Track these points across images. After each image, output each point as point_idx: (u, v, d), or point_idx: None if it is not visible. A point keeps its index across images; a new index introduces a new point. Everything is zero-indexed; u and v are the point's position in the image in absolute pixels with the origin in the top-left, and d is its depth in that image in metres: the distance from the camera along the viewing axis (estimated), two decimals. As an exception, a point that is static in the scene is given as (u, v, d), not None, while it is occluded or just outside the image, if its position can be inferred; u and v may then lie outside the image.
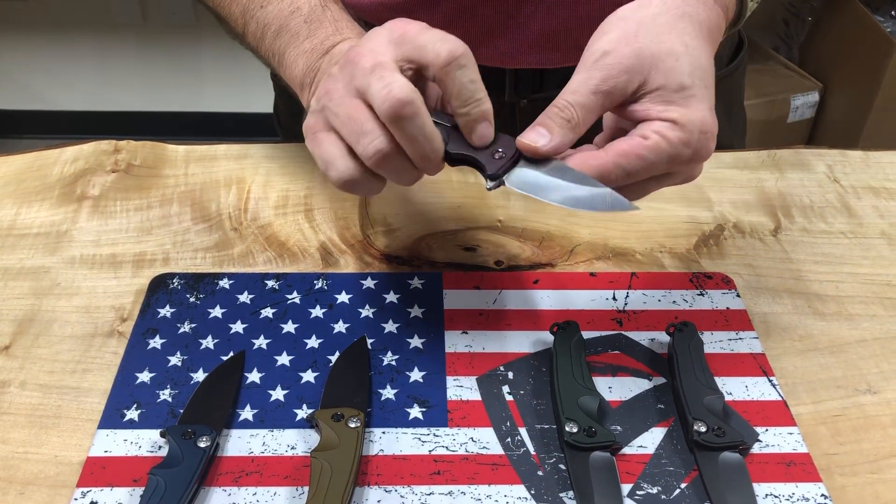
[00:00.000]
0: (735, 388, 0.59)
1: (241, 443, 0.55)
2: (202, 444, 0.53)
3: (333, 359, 0.61)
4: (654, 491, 0.53)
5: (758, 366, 0.61)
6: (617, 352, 0.62)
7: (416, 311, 0.65)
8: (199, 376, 0.60)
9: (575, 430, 0.54)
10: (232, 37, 0.70)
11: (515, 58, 0.76)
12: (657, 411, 0.58)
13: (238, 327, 0.64)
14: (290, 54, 0.61)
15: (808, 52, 2.21)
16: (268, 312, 0.65)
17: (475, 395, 0.59)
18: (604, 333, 0.63)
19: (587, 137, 0.55)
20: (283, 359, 0.61)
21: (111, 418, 0.57)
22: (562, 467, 0.54)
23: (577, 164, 0.52)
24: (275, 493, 0.52)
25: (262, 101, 1.22)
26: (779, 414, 0.57)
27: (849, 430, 0.57)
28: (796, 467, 0.54)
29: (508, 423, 0.57)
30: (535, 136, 0.52)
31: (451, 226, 0.74)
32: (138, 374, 0.60)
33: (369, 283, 0.68)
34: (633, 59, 0.51)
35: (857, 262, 0.71)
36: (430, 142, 0.51)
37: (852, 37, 2.04)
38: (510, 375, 0.60)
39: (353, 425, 0.54)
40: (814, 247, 0.73)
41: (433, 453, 0.55)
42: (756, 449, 0.55)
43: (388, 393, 0.59)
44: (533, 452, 0.55)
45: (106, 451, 0.55)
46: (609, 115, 0.56)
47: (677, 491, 0.53)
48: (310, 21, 0.61)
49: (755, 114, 2.00)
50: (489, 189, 0.52)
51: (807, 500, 0.52)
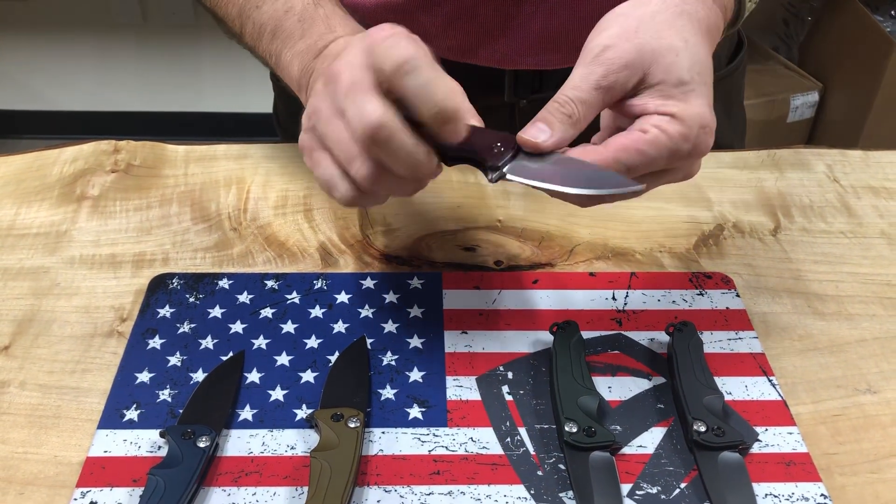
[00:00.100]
0: (735, 388, 0.59)
1: (240, 443, 0.55)
2: (202, 445, 0.53)
3: (333, 359, 0.61)
4: (654, 491, 0.53)
5: (757, 365, 0.61)
6: (616, 352, 0.62)
7: (415, 311, 0.65)
8: (199, 376, 0.60)
9: (574, 429, 0.54)
10: (230, 37, 0.70)
11: (514, 59, 0.76)
12: (657, 411, 0.58)
13: (238, 327, 0.64)
14: (286, 55, 0.61)
15: (807, 52, 2.21)
16: (267, 312, 0.65)
17: (475, 395, 0.59)
18: (603, 333, 0.63)
19: (584, 137, 0.55)
20: (283, 359, 0.61)
21: (111, 418, 0.57)
22: (561, 467, 0.54)
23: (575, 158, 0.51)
24: (274, 493, 0.52)
25: (261, 102, 1.22)
26: (778, 414, 0.57)
27: (848, 430, 0.57)
28: (796, 467, 0.54)
29: (508, 423, 0.57)
30: (536, 132, 0.52)
31: (451, 226, 0.74)
32: (138, 375, 0.60)
33: (369, 283, 0.68)
34: (634, 55, 0.51)
35: (856, 262, 0.71)
36: (413, 156, 0.49)
37: (852, 36, 2.04)
38: (510, 375, 0.60)
39: (352, 425, 0.54)
40: (813, 246, 0.73)
41: (433, 453, 0.55)
42: (756, 449, 0.55)
43: (388, 393, 0.59)
44: (532, 452, 0.55)
45: (105, 452, 0.55)
46: (606, 114, 0.56)
47: (677, 491, 0.53)
48: (303, 20, 0.61)
49: (755, 114, 2.00)
50: (491, 180, 0.52)
51: (806, 499, 0.52)
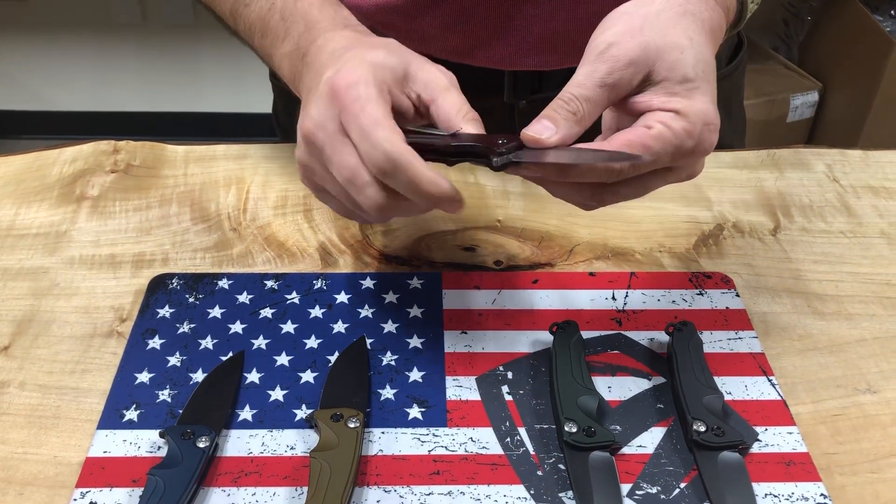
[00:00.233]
0: (734, 388, 0.59)
1: (240, 443, 0.55)
2: (201, 445, 0.53)
3: (333, 359, 0.61)
4: (654, 491, 0.53)
5: (757, 365, 0.61)
6: (616, 351, 0.62)
7: (415, 311, 0.65)
8: (199, 376, 0.60)
9: (574, 429, 0.54)
10: (230, 34, 0.70)
11: (515, 60, 0.76)
12: (656, 411, 0.58)
13: (237, 327, 0.64)
14: (276, 56, 0.61)
15: (807, 52, 2.21)
16: (267, 312, 0.65)
17: (474, 395, 0.59)
18: (603, 333, 0.63)
19: (587, 138, 0.55)
20: (283, 359, 0.61)
21: (110, 419, 0.57)
22: (561, 467, 0.54)
23: None
24: (274, 494, 0.52)
25: (260, 102, 1.22)
26: (778, 413, 0.57)
27: (848, 430, 0.57)
28: (796, 467, 0.54)
29: (508, 423, 0.57)
30: (540, 129, 0.52)
31: (451, 226, 0.74)
32: (137, 375, 0.60)
33: (368, 283, 0.68)
34: (639, 52, 0.51)
35: (856, 262, 0.71)
36: (430, 186, 0.49)
37: (852, 36, 2.04)
38: (509, 375, 0.60)
39: (352, 425, 0.54)
40: (813, 246, 0.73)
41: (432, 453, 0.55)
42: (755, 448, 0.55)
43: (388, 393, 0.59)
44: (532, 452, 0.55)
45: (105, 452, 0.55)
46: (609, 116, 0.56)
47: (677, 491, 0.53)
48: (284, 17, 0.61)
49: (755, 113, 2.00)
50: (495, 164, 0.51)
51: (806, 499, 0.52)
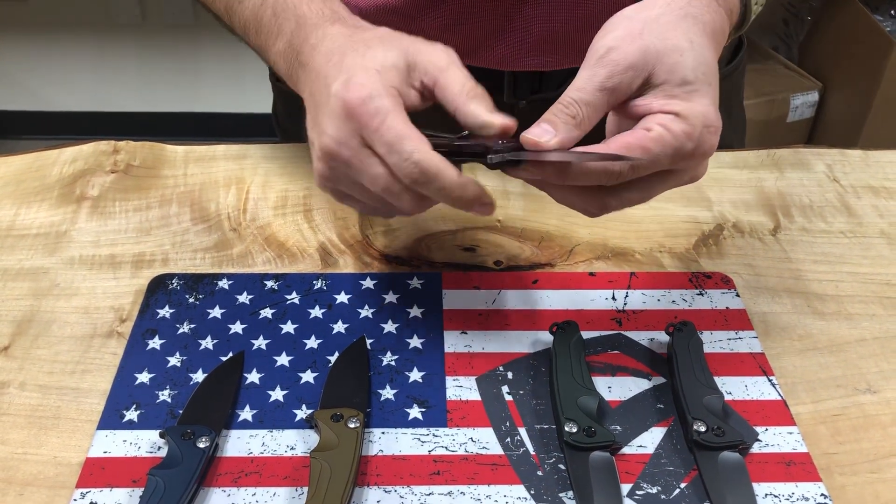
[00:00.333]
0: (734, 388, 0.59)
1: (240, 443, 0.55)
2: (201, 445, 0.53)
3: (333, 359, 0.61)
4: (654, 491, 0.53)
5: (757, 365, 0.61)
6: (616, 351, 0.62)
7: (415, 312, 0.65)
8: (199, 377, 0.60)
9: (574, 429, 0.54)
10: (228, 31, 0.70)
11: (515, 61, 0.76)
12: (657, 411, 0.58)
13: (237, 328, 0.64)
14: (271, 54, 0.61)
15: (807, 52, 2.21)
16: (267, 313, 0.65)
17: (475, 396, 0.59)
18: (603, 333, 0.63)
19: (589, 142, 0.55)
20: (283, 359, 0.61)
21: (110, 419, 0.57)
22: (561, 467, 0.54)
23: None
24: (274, 494, 0.52)
25: (260, 102, 1.22)
26: (778, 413, 0.57)
27: (848, 430, 0.57)
28: (796, 467, 0.54)
29: (508, 424, 0.57)
30: (540, 132, 0.52)
31: (451, 226, 0.74)
32: (137, 375, 0.60)
33: (368, 283, 0.68)
34: (638, 56, 0.51)
35: (856, 262, 0.71)
36: (460, 191, 0.52)
37: (852, 36, 2.04)
38: (510, 375, 0.60)
39: (352, 426, 0.54)
40: (813, 246, 0.72)
41: (433, 453, 0.55)
42: (756, 448, 0.55)
43: (388, 393, 0.59)
44: (532, 452, 0.55)
45: (105, 452, 0.55)
46: (612, 120, 0.56)
47: (677, 491, 0.53)
48: (276, 13, 0.61)
49: (755, 113, 2.00)
50: (490, 160, 0.52)
51: (806, 499, 0.52)
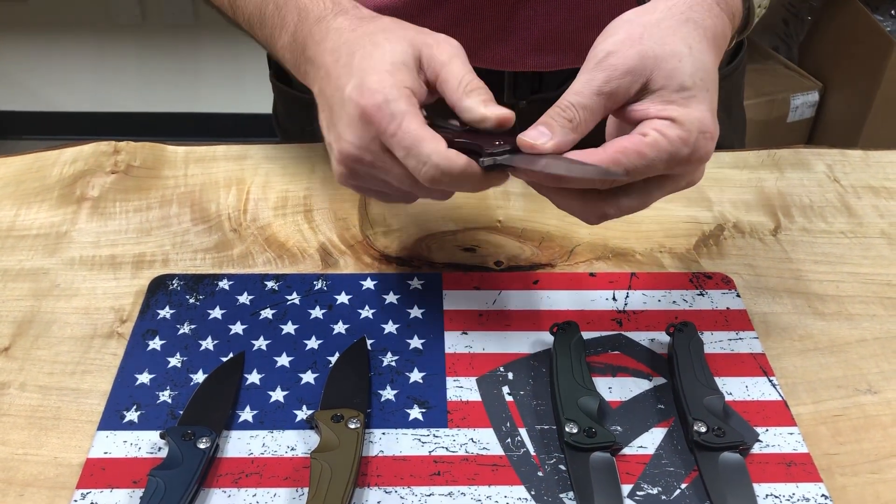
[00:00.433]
0: (735, 388, 0.59)
1: (240, 444, 0.55)
2: (202, 446, 0.53)
3: (333, 360, 0.61)
4: (655, 491, 0.53)
5: (758, 366, 0.61)
6: (617, 352, 0.62)
7: (415, 312, 0.65)
8: (199, 377, 0.60)
9: (575, 430, 0.54)
10: (233, 25, 0.70)
11: (515, 61, 0.76)
12: (657, 411, 0.58)
13: (238, 328, 0.64)
14: (277, 48, 0.62)
15: (807, 52, 2.21)
16: (267, 313, 0.65)
17: (475, 396, 0.59)
18: (604, 334, 0.63)
19: (588, 145, 0.55)
20: (283, 360, 0.61)
21: (111, 420, 0.57)
22: (562, 468, 0.54)
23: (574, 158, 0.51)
24: (275, 495, 0.52)
25: (260, 102, 1.22)
26: (779, 414, 0.57)
27: (849, 430, 0.57)
28: (797, 467, 0.54)
29: (508, 424, 0.57)
30: (536, 135, 0.52)
31: (451, 226, 0.74)
32: (138, 376, 0.60)
33: (369, 283, 0.68)
34: (636, 61, 0.52)
35: (857, 262, 0.71)
36: (477, 182, 0.53)
37: (852, 36, 2.04)
38: (510, 376, 0.60)
39: (352, 426, 0.54)
40: (814, 246, 0.72)
41: (433, 454, 0.55)
42: (756, 449, 0.55)
43: (388, 394, 0.59)
44: (533, 453, 0.55)
45: (106, 453, 0.55)
46: (612, 123, 0.57)
47: (677, 491, 0.53)
48: (279, 6, 0.61)
49: (755, 113, 2.00)
50: (481, 163, 0.52)
51: (807, 500, 0.52)
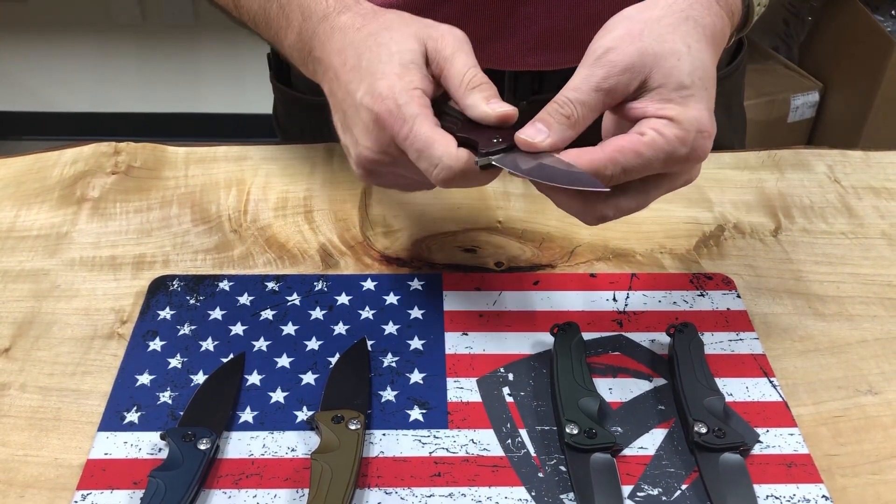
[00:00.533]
0: (735, 389, 0.59)
1: (241, 445, 0.55)
2: (202, 447, 0.53)
3: (333, 360, 0.61)
4: (655, 492, 0.53)
5: (758, 366, 0.61)
6: (617, 353, 0.62)
7: (416, 313, 0.65)
8: (199, 378, 0.60)
9: (575, 431, 0.54)
10: (237, 24, 0.70)
11: (516, 59, 0.76)
12: (658, 412, 0.58)
13: (238, 329, 0.64)
14: (284, 48, 0.62)
15: (808, 52, 2.21)
16: (268, 314, 0.65)
17: (475, 397, 0.59)
18: (604, 334, 0.63)
19: (586, 140, 0.55)
20: (283, 361, 0.61)
21: (111, 420, 0.57)
22: (562, 469, 0.54)
23: (571, 158, 0.51)
24: (275, 496, 0.52)
25: (261, 103, 1.22)
26: (779, 415, 0.57)
27: (850, 431, 0.57)
28: (797, 468, 0.54)
29: (509, 425, 0.57)
30: (534, 133, 0.52)
31: (451, 227, 0.74)
32: (138, 377, 0.60)
33: (369, 284, 0.68)
34: (636, 57, 0.52)
35: (857, 263, 0.71)
36: (482, 180, 0.54)
37: (852, 36, 2.04)
38: (510, 377, 0.60)
39: (353, 427, 0.54)
40: (814, 247, 0.72)
41: (433, 455, 0.55)
42: (757, 450, 0.55)
43: (389, 395, 0.59)
44: (533, 454, 0.55)
45: (106, 454, 0.55)
46: (609, 120, 0.56)
47: (678, 492, 0.53)
48: (282, 5, 0.61)
49: (755, 114, 2.00)
50: (476, 162, 0.53)
51: (808, 501, 0.52)
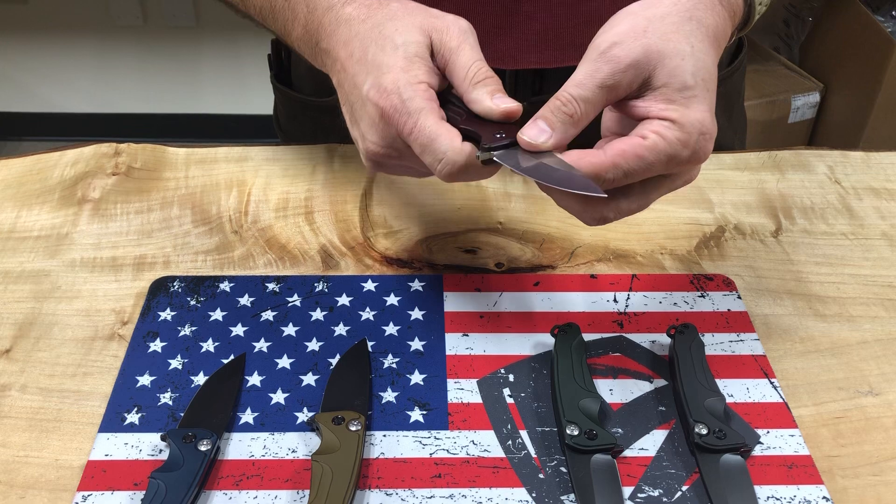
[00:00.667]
0: (736, 390, 0.59)
1: (241, 446, 0.55)
2: (203, 448, 0.53)
3: (334, 362, 0.61)
4: (656, 493, 0.53)
5: (759, 367, 0.61)
6: (618, 354, 0.62)
7: (416, 314, 0.65)
8: (200, 379, 0.60)
9: (576, 432, 0.54)
10: (243, 17, 0.70)
11: (516, 57, 0.76)
12: (658, 413, 0.58)
13: (238, 330, 0.64)
14: (291, 41, 0.62)
15: (808, 53, 2.21)
16: (268, 315, 0.65)
17: (476, 398, 0.59)
18: (605, 335, 0.63)
19: (586, 134, 0.54)
20: (284, 362, 0.61)
21: (112, 422, 0.57)
22: (563, 470, 0.54)
23: (573, 160, 0.51)
24: (275, 497, 0.52)
25: (261, 103, 1.22)
26: (780, 416, 0.57)
27: (850, 432, 0.57)
28: (798, 469, 0.54)
29: (509, 426, 0.57)
30: (536, 133, 0.52)
31: (452, 228, 0.74)
32: (139, 378, 0.60)
33: (370, 285, 0.68)
34: (641, 55, 0.51)
35: (858, 264, 0.71)
36: (481, 174, 0.55)
37: (853, 37, 2.04)
38: (511, 378, 0.60)
39: (353, 428, 0.54)
40: (815, 248, 0.72)
41: (434, 456, 0.55)
42: (757, 451, 0.55)
43: (389, 396, 0.59)
44: (534, 455, 0.55)
45: (106, 455, 0.55)
46: (608, 116, 0.56)
47: (678, 493, 0.53)
48: None
49: (756, 114, 2.00)
50: (477, 156, 0.53)
51: (808, 502, 0.52)
